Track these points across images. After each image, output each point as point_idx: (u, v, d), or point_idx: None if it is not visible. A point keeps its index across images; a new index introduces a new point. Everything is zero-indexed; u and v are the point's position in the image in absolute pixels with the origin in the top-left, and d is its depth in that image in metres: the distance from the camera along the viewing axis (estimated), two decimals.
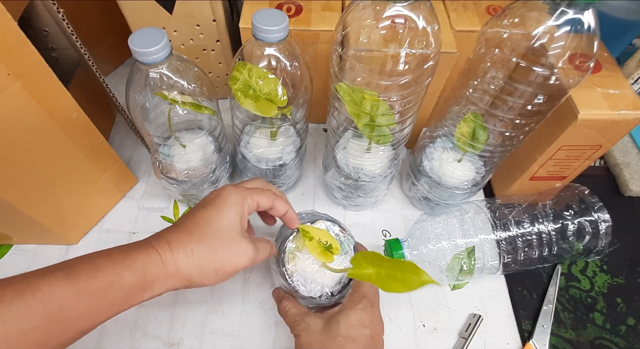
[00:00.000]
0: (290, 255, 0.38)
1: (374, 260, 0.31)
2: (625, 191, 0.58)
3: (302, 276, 0.38)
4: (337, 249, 0.38)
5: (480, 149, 0.44)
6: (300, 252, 0.39)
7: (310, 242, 0.37)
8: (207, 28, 0.52)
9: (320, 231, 0.38)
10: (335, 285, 0.39)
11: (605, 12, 0.53)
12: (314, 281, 0.38)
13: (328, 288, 0.38)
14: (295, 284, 0.38)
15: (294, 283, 0.38)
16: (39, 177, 0.40)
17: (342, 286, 0.39)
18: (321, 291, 0.38)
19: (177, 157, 0.46)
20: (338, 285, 0.39)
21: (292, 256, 0.38)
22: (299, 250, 0.39)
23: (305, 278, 0.38)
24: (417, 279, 0.28)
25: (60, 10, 0.41)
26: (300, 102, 0.44)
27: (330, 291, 0.38)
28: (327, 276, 0.38)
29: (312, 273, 0.38)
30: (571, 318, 0.47)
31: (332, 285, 0.38)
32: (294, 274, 0.38)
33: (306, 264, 0.38)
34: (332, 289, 0.38)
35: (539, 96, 0.36)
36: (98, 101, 0.53)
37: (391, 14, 0.32)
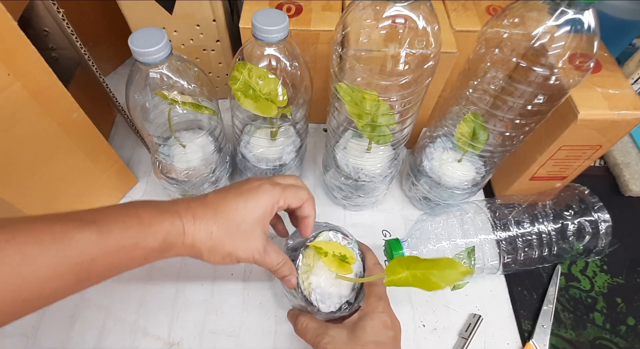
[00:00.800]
0: (304, 276, 0.38)
1: (408, 264, 0.31)
2: (625, 191, 0.58)
3: (319, 294, 0.37)
4: (352, 258, 0.37)
5: (480, 149, 0.44)
6: (312, 269, 0.38)
7: (326, 258, 0.36)
8: (207, 28, 0.52)
9: (331, 244, 0.38)
10: (350, 293, 0.38)
11: (605, 12, 0.53)
12: (330, 295, 0.38)
13: (345, 297, 0.38)
14: (316, 303, 0.37)
15: (314, 302, 0.37)
16: (39, 177, 0.40)
17: (356, 292, 0.38)
18: (339, 303, 0.38)
19: (177, 157, 0.46)
20: (353, 292, 0.38)
21: (306, 276, 0.38)
22: (311, 268, 0.38)
23: (323, 294, 0.37)
24: (455, 271, 0.29)
25: (60, 10, 0.41)
26: (300, 102, 0.44)
27: (347, 299, 0.38)
28: (342, 286, 0.38)
29: (328, 287, 0.38)
30: (571, 318, 0.47)
31: (347, 294, 0.38)
32: (311, 294, 0.37)
33: (321, 280, 0.38)
34: (348, 298, 0.38)
35: (539, 96, 0.36)
36: (98, 101, 0.53)
37: (391, 14, 0.32)
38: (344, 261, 0.37)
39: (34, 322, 0.43)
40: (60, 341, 0.42)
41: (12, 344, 0.42)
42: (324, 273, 0.38)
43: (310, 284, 0.38)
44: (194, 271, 0.48)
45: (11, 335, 0.42)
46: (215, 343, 0.43)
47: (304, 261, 0.38)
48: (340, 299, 0.38)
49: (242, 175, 0.53)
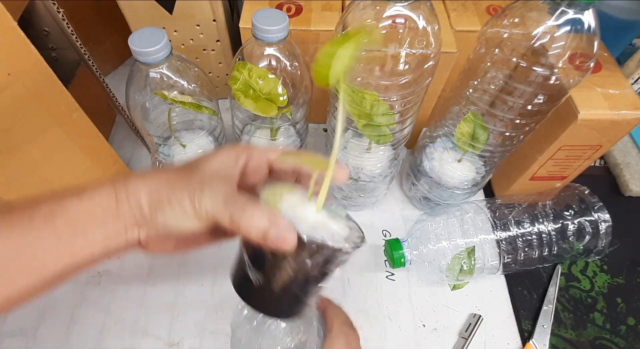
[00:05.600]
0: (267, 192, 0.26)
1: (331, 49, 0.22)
2: (625, 191, 0.58)
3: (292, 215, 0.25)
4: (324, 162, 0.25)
5: (480, 149, 0.44)
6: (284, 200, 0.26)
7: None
8: (207, 28, 0.52)
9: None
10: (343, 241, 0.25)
11: (605, 12, 0.53)
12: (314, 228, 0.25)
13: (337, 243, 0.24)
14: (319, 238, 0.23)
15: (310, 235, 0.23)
16: (39, 177, 0.40)
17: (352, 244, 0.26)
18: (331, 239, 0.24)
19: (177, 157, 0.46)
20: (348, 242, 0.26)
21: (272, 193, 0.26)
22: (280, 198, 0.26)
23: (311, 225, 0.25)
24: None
25: (60, 10, 0.41)
26: (300, 102, 0.44)
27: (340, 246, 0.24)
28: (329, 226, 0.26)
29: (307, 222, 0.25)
30: (571, 318, 0.47)
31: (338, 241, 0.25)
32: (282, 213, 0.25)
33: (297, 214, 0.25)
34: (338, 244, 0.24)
35: (539, 95, 0.36)
36: (98, 101, 0.53)
37: (391, 14, 0.32)
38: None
39: (34, 322, 0.43)
40: (60, 341, 0.42)
41: (12, 344, 0.42)
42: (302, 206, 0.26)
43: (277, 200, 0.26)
44: (194, 271, 0.48)
45: (11, 335, 0.42)
46: (215, 343, 0.43)
47: (268, 191, 0.26)
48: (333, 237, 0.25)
49: None
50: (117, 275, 0.47)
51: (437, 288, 0.48)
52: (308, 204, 0.26)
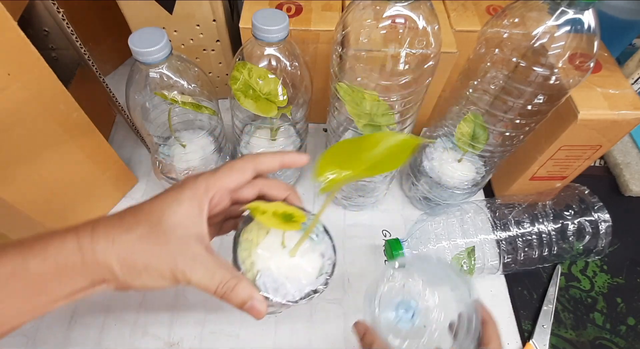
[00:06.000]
0: (244, 253, 0.28)
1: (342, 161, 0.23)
2: (625, 191, 0.58)
3: (269, 278, 0.28)
4: (302, 216, 0.28)
5: (480, 149, 0.44)
6: (257, 247, 0.29)
7: (263, 216, 0.27)
8: (207, 28, 0.52)
9: (276, 204, 0.29)
10: (317, 278, 0.29)
11: (605, 12, 0.53)
12: (286, 281, 0.28)
13: (310, 285, 0.29)
14: (264, 290, 0.27)
15: (261, 288, 0.27)
16: (38, 177, 0.40)
17: (326, 277, 0.30)
18: (301, 291, 0.28)
19: (177, 157, 0.46)
20: (322, 277, 0.29)
21: (247, 253, 0.28)
22: (254, 245, 0.29)
23: (275, 280, 0.28)
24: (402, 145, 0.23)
25: (60, 10, 0.41)
26: (300, 102, 0.44)
27: (313, 288, 0.29)
28: (303, 270, 0.29)
29: (282, 271, 0.29)
30: (571, 318, 0.47)
31: (313, 280, 0.29)
32: (257, 278, 0.28)
33: (270, 262, 0.28)
34: (316, 286, 0.29)
35: (539, 95, 0.36)
36: (98, 101, 0.53)
37: (391, 14, 0.32)
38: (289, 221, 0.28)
39: (34, 322, 0.43)
40: (60, 341, 0.42)
41: (12, 344, 0.42)
42: (275, 252, 0.29)
43: (253, 265, 0.28)
44: None
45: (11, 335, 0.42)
46: (215, 343, 0.43)
47: (245, 235, 0.29)
48: (303, 287, 0.29)
49: None
50: None
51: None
52: (282, 252, 0.29)
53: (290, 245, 0.29)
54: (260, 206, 0.28)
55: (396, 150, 0.23)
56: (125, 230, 0.25)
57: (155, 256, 0.24)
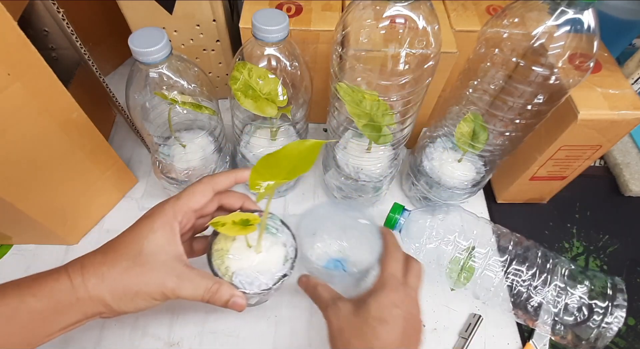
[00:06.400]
0: (218, 261, 0.34)
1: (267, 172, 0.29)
2: (625, 191, 0.58)
3: (243, 276, 0.33)
4: (256, 219, 0.33)
5: (480, 149, 0.44)
6: (227, 253, 0.34)
7: (224, 227, 0.32)
8: (207, 28, 0.52)
9: (233, 214, 0.33)
10: (283, 265, 0.35)
11: (605, 12, 0.53)
12: (258, 274, 0.34)
13: (279, 271, 0.34)
14: (242, 286, 0.33)
15: (238, 285, 0.33)
16: (39, 177, 0.40)
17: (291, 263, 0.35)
18: (273, 279, 0.34)
19: (177, 157, 0.46)
20: (287, 263, 0.35)
21: (221, 261, 0.34)
22: (226, 252, 0.34)
23: (248, 275, 0.34)
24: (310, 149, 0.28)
25: (60, 10, 0.41)
26: (300, 102, 0.44)
27: (282, 273, 0.34)
28: (270, 262, 0.35)
29: (253, 267, 0.34)
30: None
31: (280, 268, 0.35)
32: (233, 278, 0.33)
33: (242, 262, 0.34)
34: (284, 271, 0.35)
35: (538, 95, 0.36)
36: (98, 101, 0.53)
37: (391, 14, 0.32)
38: (247, 225, 0.32)
39: None
40: (60, 341, 0.42)
41: None
42: (244, 253, 0.34)
43: (228, 269, 0.34)
44: None
45: None
46: (215, 343, 0.43)
47: (216, 247, 0.35)
48: (272, 273, 0.34)
49: None
50: None
51: (437, 288, 0.48)
52: (249, 251, 0.34)
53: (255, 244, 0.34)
54: (220, 220, 0.32)
55: (306, 154, 0.28)
56: (111, 265, 0.28)
57: (144, 283, 0.28)
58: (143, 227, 0.30)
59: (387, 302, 0.32)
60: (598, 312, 0.40)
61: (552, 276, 0.42)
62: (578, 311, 0.40)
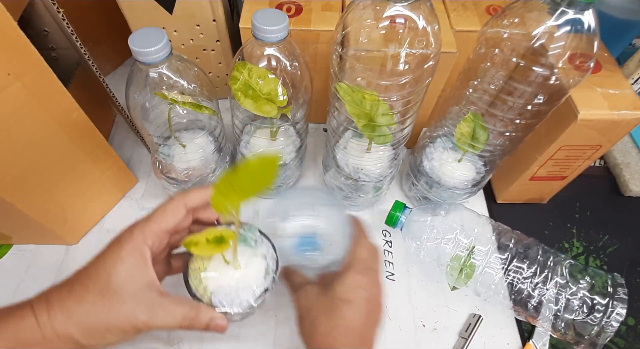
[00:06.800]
0: (195, 282, 0.32)
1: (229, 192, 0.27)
2: (625, 191, 0.58)
3: (222, 294, 0.32)
4: (230, 234, 0.31)
5: (480, 149, 0.44)
6: (205, 271, 0.32)
7: (197, 247, 0.30)
8: (207, 28, 0.52)
9: (206, 232, 0.31)
10: (264, 280, 0.33)
11: (605, 12, 0.53)
12: (238, 291, 0.32)
13: (260, 286, 0.33)
14: (220, 306, 0.31)
15: (218, 305, 0.31)
16: (39, 177, 0.40)
17: (272, 276, 0.33)
18: (254, 295, 0.32)
19: (177, 157, 0.46)
20: (268, 277, 0.33)
21: (198, 281, 0.32)
22: (202, 270, 0.32)
23: (227, 294, 0.32)
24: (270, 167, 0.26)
25: (60, 10, 0.41)
26: (300, 102, 0.44)
27: (264, 287, 0.33)
28: (250, 277, 0.33)
29: (232, 284, 0.32)
30: None
31: (261, 283, 0.33)
32: (212, 298, 0.31)
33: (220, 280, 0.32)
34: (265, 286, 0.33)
35: (539, 95, 0.36)
36: (98, 101, 0.53)
37: (391, 14, 0.32)
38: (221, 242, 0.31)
39: None
40: None
41: None
42: (222, 270, 0.32)
43: (206, 289, 0.32)
44: None
45: None
46: (215, 343, 0.43)
47: (192, 266, 0.33)
48: (253, 290, 0.32)
49: None
50: None
51: (437, 288, 0.48)
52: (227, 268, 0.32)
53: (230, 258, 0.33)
54: (193, 239, 0.30)
55: (266, 168, 0.26)
56: (78, 300, 0.26)
57: (113, 316, 0.27)
58: (110, 256, 0.28)
59: (352, 283, 0.33)
60: (599, 308, 0.40)
61: (552, 273, 0.42)
62: (579, 308, 0.41)
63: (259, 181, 0.27)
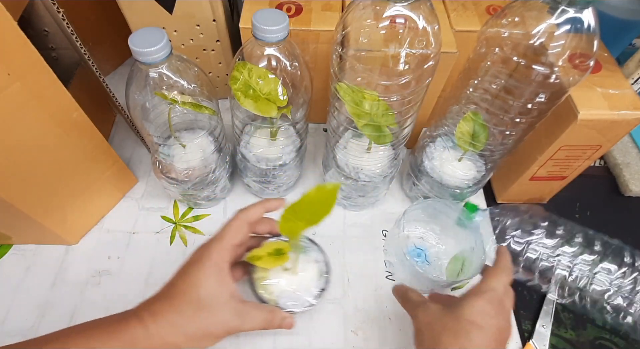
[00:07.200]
0: (261, 289, 0.38)
1: (294, 216, 0.32)
2: (625, 191, 0.58)
3: (286, 297, 0.38)
4: (287, 247, 0.37)
5: (480, 148, 0.44)
6: (267, 278, 0.38)
7: (261, 261, 0.36)
8: (207, 28, 0.52)
9: (265, 246, 0.37)
10: (319, 280, 0.39)
11: (605, 12, 0.53)
12: (299, 292, 0.38)
13: (316, 287, 0.39)
14: (285, 307, 0.37)
15: (283, 307, 0.37)
16: (39, 177, 0.40)
17: (325, 278, 0.40)
18: (313, 295, 0.38)
19: (177, 157, 0.46)
20: (322, 278, 0.39)
21: (264, 287, 0.38)
22: (266, 277, 0.38)
23: (290, 297, 0.38)
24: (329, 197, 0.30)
25: (60, 10, 0.41)
26: (300, 102, 0.44)
27: (320, 288, 0.39)
28: (307, 279, 0.39)
29: (293, 287, 0.38)
30: (571, 318, 0.47)
31: (316, 283, 0.39)
32: (278, 302, 0.37)
33: (282, 283, 0.38)
34: (322, 286, 0.39)
35: (539, 94, 0.36)
36: (98, 101, 0.53)
37: (391, 14, 0.32)
38: (280, 254, 0.36)
39: (34, 322, 0.43)
40: None
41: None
42: (282, 276, 0.38)
43: (272, 294, 0.37)
44: None
45: (11, 335, 0.42)
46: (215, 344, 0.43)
47: (256, 275, 0.38)
48: (311, 291, 0.38)
49: (242, 175, 0.53)
50: (117, 275, 0.47)
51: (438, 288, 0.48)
52: (287, 274, 0.38)
53: (289, 265, 0.38)
54: (255, 254, 0.36)
55: (326, 198, 0.30)
56: (179, 313, 0.31)
57: (210, 325, 0.31)
58: (195, 275, 0.32)
59: (482, 310, 0.32)
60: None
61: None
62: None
63: (319, 210, 0.31)
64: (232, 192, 0.55)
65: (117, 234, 0.50)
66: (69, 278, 0.47)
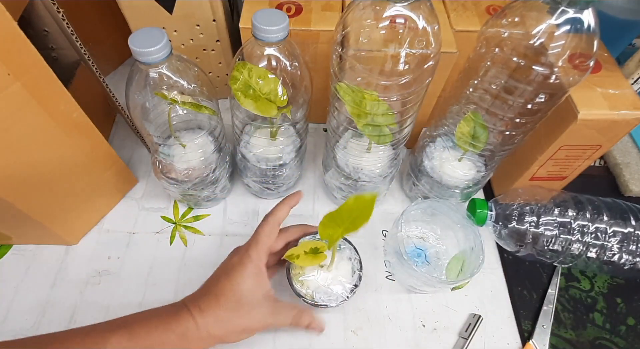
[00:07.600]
0: (299, 284, 0.41)
1: (332, 223, 0.34)
2: (625, 191, 0.58)
3: (322, 293, 0.40)
4: (323, 246, 0.39)
5: (480, 148, 0.44)
6: (304, 273, 0.41)
7: (299, 259, 0.38)
8: (207, 28, 0.52)
9: (302, 245, 0.39)
10: (352, 277, 0.42)
11: (605, 12, 0.53)
12: (333, 288, 0.41)
13: (349, 283, 0.41)
14: (322, 302, 0.40)
15: (320, 302, 0.40)
16: (38, 177, 0.40)
17: (357, 275, 0.42)
18: (346, 290, 0.41)
19: (177, 157, 0.46)
20: (355, 275, 0.42)
21: (302, 283, 0.41)
22: (302, 273, 0.41)
23: (325, 292, 0.40)
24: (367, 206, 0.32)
25: (60, 10, 0.41)
26: (300, 102, 0.44)
27: (353, 283, 0.41)
28: (341, 276, 0.41)
29: (328, 283, 0.41)
30: (571, 318, 0.47)
31: (350, 279, 0.41)
32: (314, 297, 0.40)
33: (318, 279, 0.41)
34: (354, 282, 0.41)
35: (539, 94, 0.36)
36: (98, 101, 0.53)
37: (391, 14, 0.32)
38: (317, 253, 0.39)
39: (34, 322, 0.43)
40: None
41: None
42: (317, 272, 0.41)
43: (308, 288, 0.40)
44: (194, 271, 0.48)
45: (11, 335, 0.42)
46: None
47: (293, 272, 0.41)
48: (345, 286, 0.41)
49: (242, 175, 0.53)
50: (117, 275, 0.47)
51: (437, 288, 0.48)
52: (322, 271, 0.41)
53: (325, 263, 0.41)
54: (294, 252, 0.39)
55: (365, 206, 0.32)
56: (225, 309, 0.35)
57: (249, 321, 0.36)
58: (237, 275, 0.36)
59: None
60: None
61: None
62: None
63: (358, 218, 0.32)
64: (232, 192, 0.55)
65: (117, 234, 0.50)
66: (69, 278, 0.47)
